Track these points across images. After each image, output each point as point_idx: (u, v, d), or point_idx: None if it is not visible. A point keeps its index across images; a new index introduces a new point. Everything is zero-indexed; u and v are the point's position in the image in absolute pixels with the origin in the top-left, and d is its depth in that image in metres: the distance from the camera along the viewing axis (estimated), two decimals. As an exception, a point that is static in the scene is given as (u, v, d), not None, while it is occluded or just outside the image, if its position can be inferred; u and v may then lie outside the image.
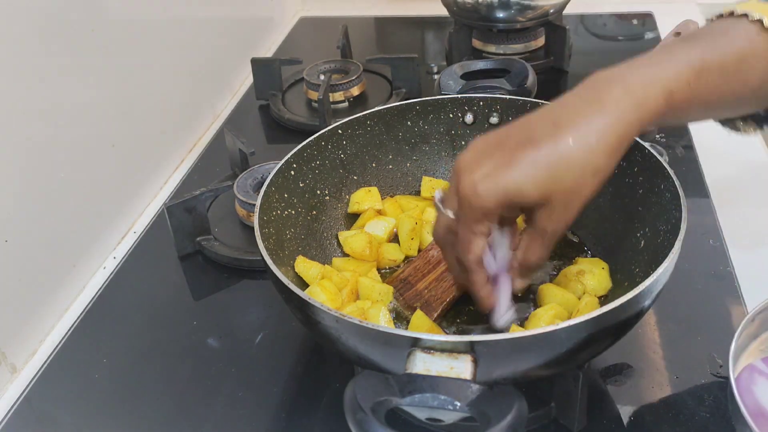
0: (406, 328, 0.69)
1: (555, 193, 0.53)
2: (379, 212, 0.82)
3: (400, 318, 0.71)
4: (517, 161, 0.53)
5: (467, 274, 0.60)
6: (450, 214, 0.58)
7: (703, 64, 0.54)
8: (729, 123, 0.69)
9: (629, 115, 0.53)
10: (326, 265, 0.74)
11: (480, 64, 1.02)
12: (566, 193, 0.54)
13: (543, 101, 0.80)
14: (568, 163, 0.52)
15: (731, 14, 0.57)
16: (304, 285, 0.70)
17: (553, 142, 0.53)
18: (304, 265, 0.71)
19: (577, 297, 0.69)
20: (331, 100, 1.13)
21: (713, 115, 0.62)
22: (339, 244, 0.79)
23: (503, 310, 0.64)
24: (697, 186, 0.93)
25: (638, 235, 0.70)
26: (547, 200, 0.54)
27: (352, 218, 0.82)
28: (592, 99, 0.54)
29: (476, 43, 1.29)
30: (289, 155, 0.75)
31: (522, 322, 0.68)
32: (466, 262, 0.59)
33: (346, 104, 1.17)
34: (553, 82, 1.23)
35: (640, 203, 0.71)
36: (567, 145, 0.52)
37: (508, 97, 0.83)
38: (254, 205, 0.68)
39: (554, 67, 1.26)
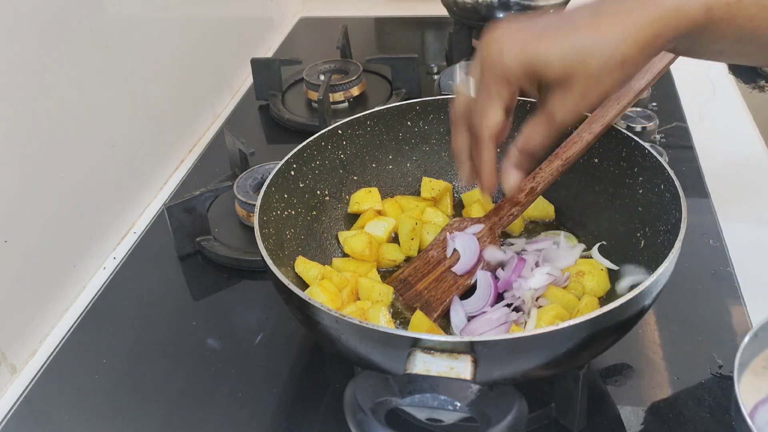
0: (406, 329, 0.69)
1: (578, 74, 0.54)
2: (379, 213, 0.82)
3: (400, 318, 0.71)
4: (549, 35, 0.54)
5: (478, 149, 0.61)
6: (472, 88, 0.58)
7: None
8: (752, 80, 0.68)
9: (668, 16, 0.53)
10: (326, 265, 0.74)
11: (480, 65, 1.01)
12: (589, 77, 0.54)
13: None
14: (599, 45, 0.53)
15: None
16: (304, 285, 0.70)
17: (589, 25, 0.53)
18: (304, 266, 0.71)
19: (577, 298, 0.69)
20: (331, 100, 1.13)
21: (745, 50, 0.60)
22: (339, 245, 0.79)
23: (460, 321, 0.68)
24: (697, 186, 0.93)
25: (638, 235, 0.70)
26: (569, 79, 0.54)
27: (352, 218, 0.82)
28: None
29: (476, 44, 1.29)
30: (289, 155, 0.75)
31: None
32: (480, 132, 0.59)
33: (346, 104, 1.18)
34: (553, 82, 1.23)
35: (640, 203, 0.71)
36: (602, 29, 0.53)
37: (508, 97, 0.83)
38: (254, 205, 0.68)
39: (554, 67, 1.25)
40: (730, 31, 0.56)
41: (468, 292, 0.72)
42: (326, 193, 0.80)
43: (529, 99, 0.82)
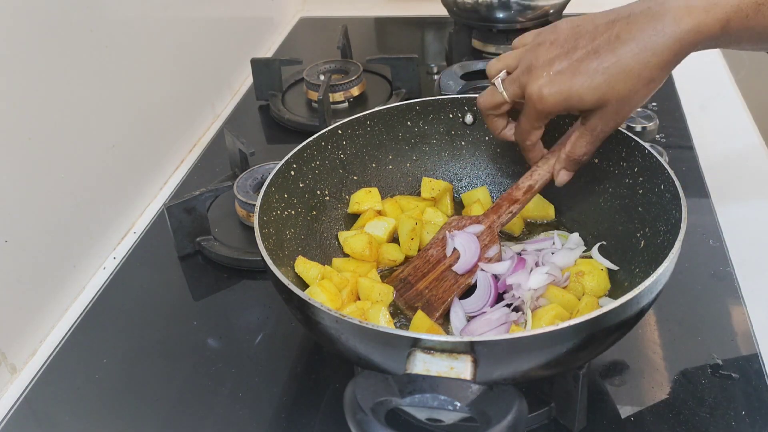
0: (407, 329, 0.69)
1: (610, 100, 0.61)
2: (379, 213, 0.82)
3: (400, 318, 0.71)
4: (581, 71, 0.60)
5: (524, 152, 0.72)
6: (505, 96, 0.68)
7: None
8: None
9: (686, 36, 0.58)
10: (326, 265, 0.74)
11: (480, 65, 1.02)
12: (620, 101, 0.61)
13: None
14: (626, 74, 0.59)
15: None
16: (304, 285, 0.70)
17: (614, 55, 0.59)
18: (304, 266, 0.71)
19: (577, 298, 0.69)
20: (331, 100, 1.13)
21: (763, 45, 0.64)
22: (339, 245, 0.79)
23: (459, 322, 0.68)
24: (697, 186, 0.93)
25: (638, 235, 0.70)
26: (603, 106, 0.62)
27: (352, 218, 0.82)
28: (656, 15, 0.58)
29: (476, 44, 1.29)
30: (289, 155, 0.75)
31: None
32: (523, 145, 0.70)
33: (346, 104, 1.18)
34: (553, 82, 1.23)
35: (640, 203, 0.71)
36: (626, 58, 0.59)
37: (508, 97, 0.83)
38: (254, 205, 0.68)
39: (554, 67, 1.25)
40: (747, 36, 0.59)
41: (467, 291, 0.72)
42: (326, 193, 0.80)
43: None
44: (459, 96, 0.84)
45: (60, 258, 0.83)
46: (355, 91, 1.18)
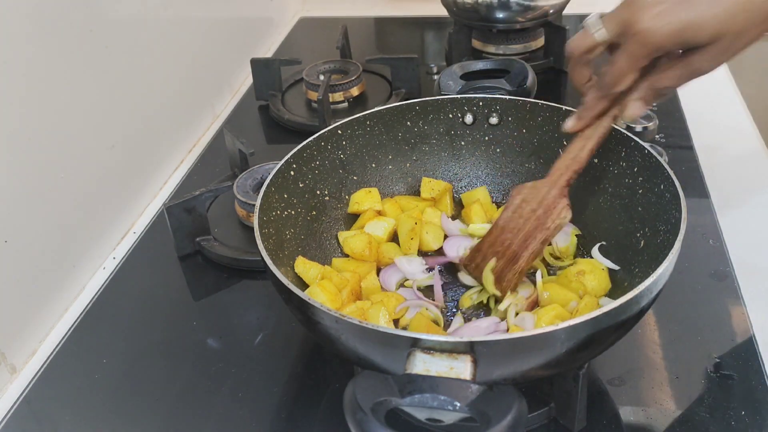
0: (406, 329, 0.69)
1: (726, 34, 0.57)
2: (379, 213, 0.82)
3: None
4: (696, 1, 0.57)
5: (599, 98, 0.66)
6: (603, 34, 0.62)
7: None
8: None
9: None
10: (326, 265, 0.74)
11: (480, 65, 1.02)
12: (735, 35, 0.57)
13: (543, 101, 0.81)
14: (749, 3, 0.56)
15: None
16: (304, 285, 0.70)
17: None
18: (304, 266, 0.71)
19: (578, 297, 0.69)
20: (330, 100, 1.12)
21: None
22: (339, 245, 0.79)
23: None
24: (697, 186, 0.93)
25: (638, 235, 0.70)
26: (717, 40, 0.57)
27: (352, 218, 0.82)
28: None
29: (476, 44, 1.29)
30: (288, 155, 0.75)
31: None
32: (605, 90, 0.65)
33: (345, 104, 1.18)
34: (553, 82, 1.23)
35: (640, 203, 0.71)
36: None
37: (507, 97, 0.83)
38: (254, 205, 0.68)
39: (554, 67, 1.26)
40: None
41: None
42: (326, 193, 0.80)
43: (529, 99, 0.82)
44: (459, 96, 0.84)
45: (60, 258, 0.83)
46: (355, 91, 1.18)
